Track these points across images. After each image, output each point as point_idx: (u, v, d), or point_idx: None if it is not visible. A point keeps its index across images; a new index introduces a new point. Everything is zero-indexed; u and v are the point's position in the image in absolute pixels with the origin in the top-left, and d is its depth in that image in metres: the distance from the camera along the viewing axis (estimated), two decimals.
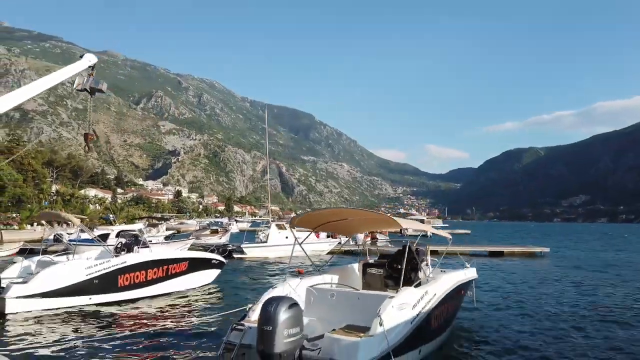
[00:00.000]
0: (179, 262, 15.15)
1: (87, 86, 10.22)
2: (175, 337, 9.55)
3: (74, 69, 9.85)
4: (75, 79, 10.57)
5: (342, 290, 8.57)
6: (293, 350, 6.38)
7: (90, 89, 10.31)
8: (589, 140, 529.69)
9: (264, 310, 6.47)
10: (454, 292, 9.50)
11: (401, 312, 7.35)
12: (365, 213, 9.40)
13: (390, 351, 6.69)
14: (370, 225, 10.61)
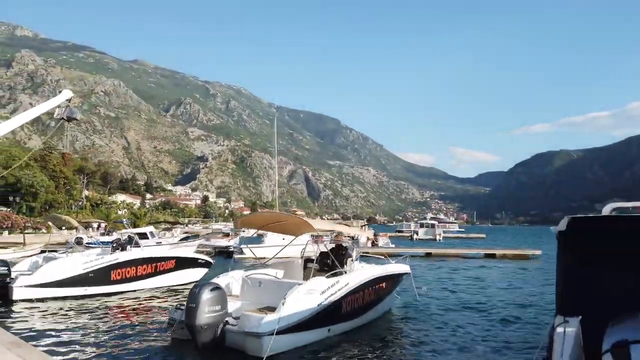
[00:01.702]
0: (167, 260, 17.19)
1: (64, 115, 12.20)
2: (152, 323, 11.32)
3: (55, 102, 11.88)
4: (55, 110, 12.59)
5: (268, 278, 10.46)
6: (215, 325, 8.31)
7: (67, 118, 12.30)
8: (624, 142, 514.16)
9: (191, 292, 8.49)
10: (372, 282, 11.15)
11: (308, 296, 9.12)
12: (292, 217, 11.45)
13: (291, 326, 8.49)
14: (298, 227, 11.97)
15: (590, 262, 5.63)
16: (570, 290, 5.59)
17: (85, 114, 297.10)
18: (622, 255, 5.50)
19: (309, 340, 9.21)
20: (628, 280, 5.37)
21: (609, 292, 5.46)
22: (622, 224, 5.82)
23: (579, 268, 5.72)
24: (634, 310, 4.84)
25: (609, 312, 4.96)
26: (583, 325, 5.05)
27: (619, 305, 5.04)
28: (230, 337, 8.47)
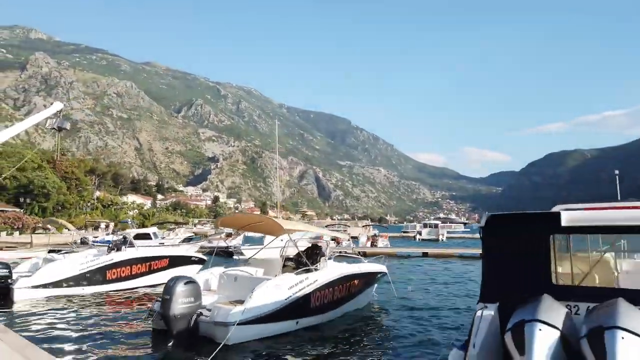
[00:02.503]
0: (161, 259, 17.95)
1: (55, 125, 12.96)
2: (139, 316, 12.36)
3: (47, 113, 12.65)
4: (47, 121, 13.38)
5: (242, 274, 11.44)
6: (188, 315, 9.12)
7: (58, 128, 13.09)
8: (639, 141, 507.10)
9: (166, 285, 9.33)
10: (342, 280, 12.03)
11: (275, 290, 10.01)
12: (266, 219, 12.64)
13: (257, 317, 9.43)
14: (271, 228, 12.93)
15: (505, 254, 6.40)
16: (490, 279, 6.39)
17: (98, 116, 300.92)
18: (530, 247, 6.27)
19: (276, 331, 10.04)
20: (534, 269, 6.17)
21: (520, 280, 6.21)
22: (530, 220, 6.65)
23: (496, 260, 6.47)
24: (538, 294, 5.62)
25: (520, 297, 5.68)
26: (500, 310, 5.82)
27: (528, 290, 5.81)
28: (203, 327, 9.28)
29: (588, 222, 6.12)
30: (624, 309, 4.95)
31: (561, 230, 6.17)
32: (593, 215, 6.27)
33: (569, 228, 6.10)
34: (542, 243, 6.20)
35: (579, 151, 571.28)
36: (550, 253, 6.25)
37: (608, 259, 7.63)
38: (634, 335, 4.40)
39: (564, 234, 6.43)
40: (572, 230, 6.25)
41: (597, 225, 6.19)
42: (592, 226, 6.21)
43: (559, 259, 6.99)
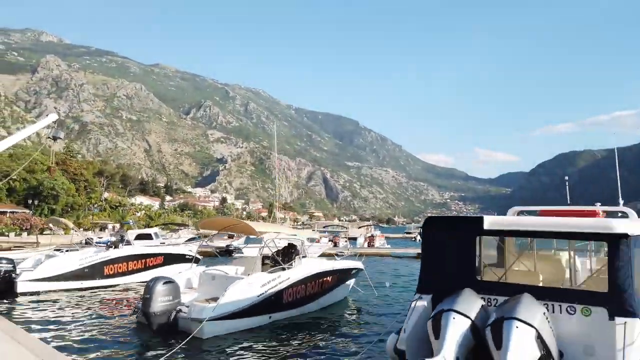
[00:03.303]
0: (156, 256, 19.09)
1: (50, 135, 13.74)
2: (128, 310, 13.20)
3: (44, 124, 13.45)
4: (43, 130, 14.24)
5: (219, 273, 12.33)
6: (167, 312, 10.03)
7: (53, 137, 13.91)
8: None
9: (146, 284, 10.25)
10: (315, 276, 12.99)
11: (247, 288, 10.93)
12: (241, 222, 13.75)
13: (230, 313, 10.37)
14: (246, 230, 14.11)
15: (439, 252, 7.37)
16: (425, 274, 7.32)
17: (107, 118, 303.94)
18: (458, 246, 7.15)
19: (250, 325, 10.92)
20: (462, 265, 7.03)
21: (450, 275, 7.01)
22: (460, 223, 7.74)
23: (431, 256, 7.49)
24: (463, 287, 6.51)
25: (449, 290, 6.51)
26: (433, 301, 6.71)
27: (456, 284, 6.62)
28: (181, 323, 10.16)
29: (504, 227, 6.98)
30: (525, 302, 5.84)
31: (484, 232, 6.97)
32: (506, 221, 7.17)
33: (490, 231, 6.93)
34: (469, 243, 7.05)
35: (588, 151, 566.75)
36: (476, 252, 7.12)
37: (526, 258, 8.63)
38: (527, 324, 5.33)
39: (488, 236, 7.28)
40: (492, 233, 7.04)
41: (510, 230, 7.09)
42: (506, 230, 7.08)
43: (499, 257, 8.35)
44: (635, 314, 5.88)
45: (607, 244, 6.39)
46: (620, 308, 5.92)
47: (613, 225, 6.36)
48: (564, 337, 6.11)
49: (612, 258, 6.27)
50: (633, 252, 6.34)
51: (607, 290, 6.13)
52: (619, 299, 5.99)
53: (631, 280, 6.11)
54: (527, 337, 5.33)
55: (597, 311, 6.06)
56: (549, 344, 5.58)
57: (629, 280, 6.08)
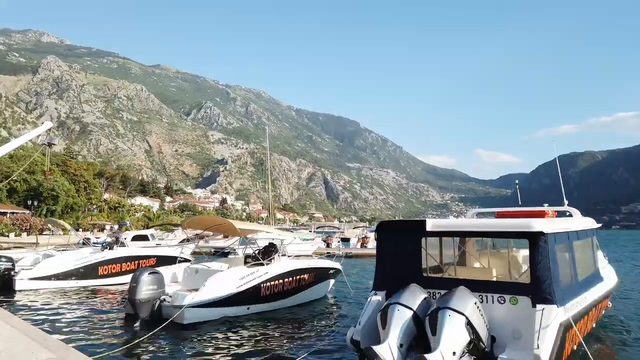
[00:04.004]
0: (149, 258, 19.68)
1: (45, 142, 14.21)
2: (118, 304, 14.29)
3: (39, 131, 13.90)
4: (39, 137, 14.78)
5: (202, 268, 13.23)
6: (152, 300, 10.90)
7: (48, 144, 14.37)
8: None
9: (133, 275, 11.16)
10: (292, 273, 13.95)
11: (226, 280, 11.89)
12: (225, 221, 14.38)
13: (209, 302, 11.32)
14: (229, 229, 15.02)
15: (390, 252, 8.23)
16: (379, 272, 8.23)
17: (108, 119, 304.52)
18: (406, 247, 8.01)
19: (228, 314, 11.86)
20: (409, 264, 7.90)
21: (400, 273, 7.85)
22: (407, 226, 8.77)
23: (384, 256, 8.34)
24: (410, 283, 7.29)
25: (399, 286, 7.23)
26: (387, 296, 7.43)
27: (405, 281, 7.39)
28: (165, 310, 11.06)
29: (442, 228, 7.93)
30: (459, 294, 6.64)
31: (427, 234, 7.84)
32: (445, 223, 8.18)
33: (432, 232, 7.81)
34: (415, 244, 7.95)
35: (589, 153, 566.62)
36: (421, 251, 7.99)
37: (484, 257, 9.53)
38: (458, 313, 6.19)
39: (431, 237, 8.19)
40: (433, 234, 7.92)
41: (447, 230, 8.09)
42: (444, 231, 8.05)
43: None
44: (552, 301, 6.77)
45: (528, 241, 7.18)
46: (540, 296, 6.82)
47: (532, 225, 7.22)
48: (496, 323, 6.92)
49: (532, 253, 7.11)
50: (552, 247, 7.22)
51: (530, 282, 7.04)
52: (539, 289, 6.87)
53: (549, 272, 6.93)
54: (458, 324, 6.15)
55: (523, 300, 6.95)
56: (478, 329, 6.38)
57: (547, 272, 6.92)
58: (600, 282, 10.00)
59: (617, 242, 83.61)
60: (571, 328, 7.13)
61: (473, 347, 6.33)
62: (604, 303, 10.44)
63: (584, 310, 8.20)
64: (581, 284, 8.54)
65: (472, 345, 6.32)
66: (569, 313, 7.16)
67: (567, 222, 9.36)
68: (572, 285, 8.10)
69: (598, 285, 9.71)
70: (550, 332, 6.50)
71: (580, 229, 9.40)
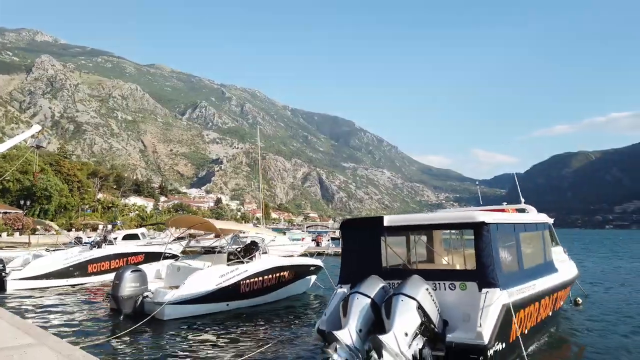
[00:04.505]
0: (137, 254, 20.26)
1: (34, 144, 14.52)
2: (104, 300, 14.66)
3: (28, 134, 14.26)
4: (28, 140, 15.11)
5: (184, 265, 13.77)
6: (135, 296, 11.51)
7: (37, 146, 14.77)
8: None
9: (117, 272, 11.84)
10: (271, 270, 14.50)
11: (207, 278, 12.38)
12: (206, 220, 15.04)
13: (189, 299, 11.82)
14: (210, 228, 15.67)
15: (354, 248, 8.90)
16: (344, 267, 8.87)
17: (103, 118, 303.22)
18: (368, 242, 8.63)
19: (208, 310, 12.34)
20: (370, 257, 8.50)
21: (363, 266, 8.41)
22: (368, 222, 9.25)
23: (348, 252, 9.00)
24: (371, 274, 7.89)
25: (362, 279, 7.80)
26: (350, 289, 7.89)
27: (367, 273, 7.99)
28: (147, 306, 11.63)
29: (398, 223, 8.53)
30: (412, 281, 7.30)
31: (385, 229, 8.47)
32: (400, 218, 8.75)
33: (389, 227, 8.43)
34: (375, 239, 8.58)
35: (583, 153, 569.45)
36: (381, 245, 8.61)
37: (434, 254, 10.29)
38: (410, 298, 6.78)
39: (389, 233, 8.73)
40: (391, 229, 8.53)
41: (402, 225, 8.68)
42: (400, 225, 8.62)
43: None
44: (496, 285, 7.44)
45: (473, 231, 7.89)
46: (485, 281, 7.49)
47: (475, 216, 7.97)
48: (449, 308, 7.54)
49: (477, 242, 7.81)
50: (495, 236, 7.89)
51: (476, 268, 7.73)
52: (483, 274, 7.56)
53: (492, 258, 7.60)
54: (410, 308, 6.73)
55: (471, 285, 7.63)
56: (430, 313, 6.95)
57: (490, 258, 7.59)
58: (553, 273, 10.63)
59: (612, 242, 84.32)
60: (517, 311, 7.81)
61: (424, 328, 6.85)
62: (560, 293, 11.12)
63: (533, 296, 8.81)
64: (528, 271, 9.15)
65: (424, 327, 6.84)
66: (513, 297, 7.74)
67: (513, 215, 10.01)
68: (518, 272, 8.70)
69: (550, 276, 10.33)
70: (493, 313, 7.06)
71: (527, 222, 10.13)
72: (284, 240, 29.58)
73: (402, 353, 6.38)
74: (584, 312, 13.80)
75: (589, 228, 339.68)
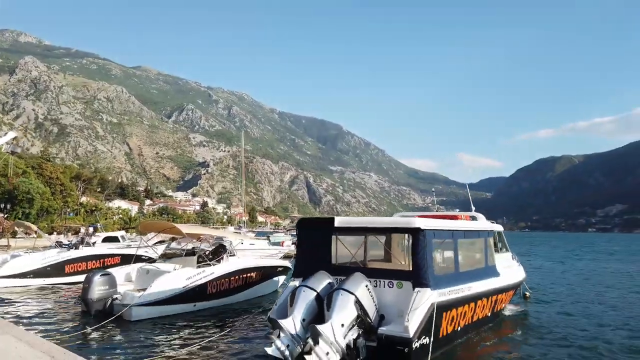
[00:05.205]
0: (113, 256, 20.57)
1: (9, 150, 14.70)
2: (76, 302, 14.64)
3: (3, 141, 14.35)
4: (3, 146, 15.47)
5: (153, 268, 14.13)
6: (104, 299, 11.93)
7: (12, 152, 14.97)
8: (626, 148, 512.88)
9: (86, 276, 12.21)
10: (238, 272, 15.04)
11: (173, 280, 12.84)
12: (174, 225, 15.50)
13: (156, 301, 12.25)
14: (177, 232, 15.92)
15: (307, 245, 9.71)
16: (298, 262, 9.69)
17: (87, 120, 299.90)
18: (320, 240, 9.32)
19: (175, 311, 12.81)
20: (321, 254, 9.21)
21: (314, 262, 9.09)
22: (320, 223, 9.95)
23: (302, 248, 9.86)
24: (321, 270, 8.60)
25: (313, 273, 8.53)
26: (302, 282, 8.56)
27: (317, 268, 8.71)
28: (116, 308, 12.01)
29: (346, 224, 9.23)
30: (353, 278, 8.00)
31: (336, 230, 9.21)
32: (348, 220, 9.39)
33: (339, 228, 9.17)
34: (327, 237, 9.30)
35: (567, 157, 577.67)
36: (332, 244, 9.36)
37: (391, 255, 10.89)
38: (349, 293, 7.48)
39: (338, 233, 9.42)
40: (340, 230, 9.25)
41: (350, 227, 9.36)
42: (348, 227, 9.32)
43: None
44: (427, 285, 8.20)
45: (411, 236, 8.61)
46: (418, 281, 8.27)
47: (412, 222, 8.67)
48: (386, 304, 8.33)
49: (413, 245, 8.57)
50: (430, 241, 8.61)
51: (411, 269, 8.49)
52: (417, 275, 8.33)
53: (426, 261, 8.37)
54: (348, 302, 7.41)
55: (406, 284, 8.42)
56: (367, 307, 7.63)
57: (424, 261, 8.35)
58: (493, 277, 11.29)
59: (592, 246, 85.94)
60: (449, 309, 8.71)
61: (360, 321, 7.57)
62: (501, 296, 11.76)
63: (468, 297, 9.50)
64: (465, 274, 9.82)
65: (360, 320, 7.56)
66: (444, 297, 8.55)
67: (454, 222, 10.72)
68: (453, 274, 9.42)
69: (490, 280, 11.00)
70: (421, 310, 7.82)
71: (468, 229, 10.85)
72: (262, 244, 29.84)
73: (337, 342, 7.01)
74: (527, 313, 14.45)
75: (573, 231, 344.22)
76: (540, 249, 63.00)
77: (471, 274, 10.16)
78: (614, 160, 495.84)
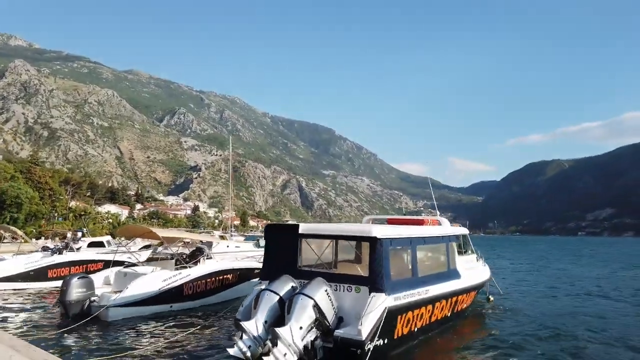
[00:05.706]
0: (96, 262, 20.69)
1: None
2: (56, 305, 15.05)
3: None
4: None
5: (130, 272, 14.49)
6: (82, 301, 12.27)
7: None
8: (616, 152, 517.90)
9: (64, 279, 12.65)
10: (215, 274, 15.53)
11: (150, 282, 13.34)
12: (150, 230, 15.83)
13: (132, 302, 12.74)
14: (154, 236, 16.52)
15: (274, 249, 10.15)
16: (265, 265, 10.23)
17: (78, 124, 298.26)
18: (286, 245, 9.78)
19: (152, 312, 13.26)
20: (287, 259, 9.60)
21: (280, 266, 9.51)
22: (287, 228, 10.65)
23: (269, 253, 10.27)
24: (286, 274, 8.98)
25: (278, 276, 8.95)
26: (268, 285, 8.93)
27: (283, 272, 9.07)
28: (94, 310, 12.37)
29: (310, 231, 9.70)
30: (314, 283, 8.34)
31: (300, 235, 9.65)
32: (311, 227, 9.91)
33: (303, 234, 9.64)
34: (292, 243, 9.69)
35: (557, 161, 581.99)
36: (297, 249, 9.71)
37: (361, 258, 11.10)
38: (308, 297, 7.88)
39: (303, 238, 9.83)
40: (304, 236, 9.70)
41: (313, 233, 9.77)
42: (311, 233, 9.74)
43: None
44: (382, 290, 8.62)
45: (369, 244, 9.05)
46: (374, 286, 8.68)
47: (370, 230, 9.11)
48: (345, 307, 8.77)
49: (370, 253, 8.97)
50: (387, 249, 9.05)
51: (368, 275, 8.92)
52: (373, 281, 8.75)
53: (382, 268, 8.79)
54: (307, 305, 7.79)
55: (364, 289, 8.82)
56: (325, 311, 8.04)
57: (380, 268, 8.78)
58: (454, 279, 11.78)
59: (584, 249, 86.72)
60: (404, 313, 9.09)
61: (318, 324, 7.99)
62: (461, 297, 12.27)
63: (426, 300, 9.99)
64: (423, 279, 10.29)
65: (318, 323, 7.97)
66: (400, 301, 9.03)
67: (414, 229, 11.18)
68: (410, 279, 9.87)
69: (450, 282, 11.50)
70: (375, 314, 8.24)
71: (428, 236, 11.37)
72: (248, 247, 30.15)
73: (295, 344, 7.40)
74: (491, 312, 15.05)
75: (563, 235, 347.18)
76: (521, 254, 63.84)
77: (430, 278, 10.59)
78: (603, 164, 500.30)
